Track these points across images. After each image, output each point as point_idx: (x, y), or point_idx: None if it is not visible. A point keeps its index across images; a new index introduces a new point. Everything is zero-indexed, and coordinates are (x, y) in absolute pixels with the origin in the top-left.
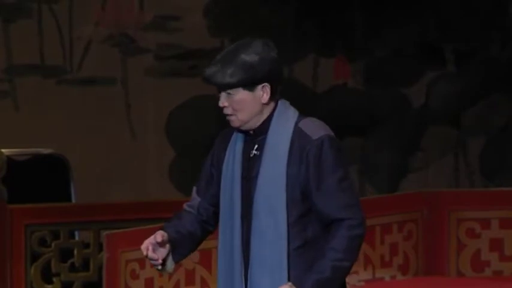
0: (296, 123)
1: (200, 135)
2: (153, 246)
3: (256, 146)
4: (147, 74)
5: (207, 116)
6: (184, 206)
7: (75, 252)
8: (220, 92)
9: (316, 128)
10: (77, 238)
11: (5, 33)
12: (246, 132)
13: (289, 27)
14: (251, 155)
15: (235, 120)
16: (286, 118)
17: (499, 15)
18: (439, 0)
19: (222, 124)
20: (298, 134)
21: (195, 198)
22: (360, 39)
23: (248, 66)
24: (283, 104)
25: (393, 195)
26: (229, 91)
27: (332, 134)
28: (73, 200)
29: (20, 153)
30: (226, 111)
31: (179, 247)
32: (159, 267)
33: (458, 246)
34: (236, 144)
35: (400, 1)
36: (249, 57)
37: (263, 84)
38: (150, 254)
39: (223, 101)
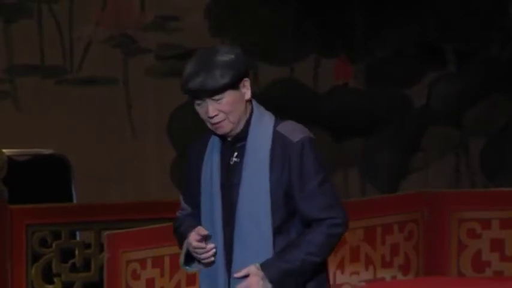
0: (274, 127)
1: (198, 137)
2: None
3: (236, 153)
4: (148, 74)
5: None
6: (179, 214)
7: (76, 252)
8: (200, 104)
9: (295, 131)
10: (78, 238)
11: (6, 34)
12: (223, 140)
13: (290, 27)
14: (231, 163)
15: (226, 125)
16: (264, 123)
17: (499, 15)
18: (439, 1)
19: None
20: (278, 138)
21: (186, 208)
22: (360, 39)
23: (231, 65)
24: (259, 109)
25: (394, 196)
26: (217, 97)
27: (311, 135)
28: (74, 200)
29: (21, 153)
30: (217, 119)
31: None
32: (205, 259)
33: (459, 246)
34: (213, 153)
35: (400, 1)
36: (225, 57)
37: (244, 80)
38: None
39: (213, 110)
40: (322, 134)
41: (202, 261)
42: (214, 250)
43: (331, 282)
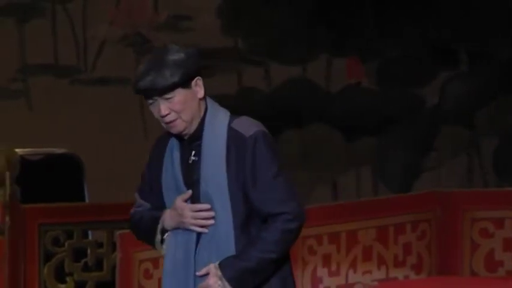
0: (229, 124)
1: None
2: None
3: (193, 152)
4: None
5: None
6: (134, 210)
7: (89, 251)
8: (153, 103)
9: (248, 126)
10: (90, 238)
11: (19, 33)
12: (181, 140)
13: (302, 27)
14: (190, 162)
15: (179, 124)
16: (219, 120)
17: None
18: (452, 1)
19: None
20: (232, 135)
21: (143, 204)
22: (373, 39)
23: (181, 64)
24: (213, 106)
25: (406, 195)
26: (168, 95)
27: (265, 129)
28: (86, 200)
29: (34, 152)
30: (169, 118)
31: None
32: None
33: (472, 245)
34: (173, 152)
35: (413, 1)
36: (176, 56)
37: (196, 79)
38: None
39: (165, 109)
40: (334, 134)
41: (202, 224)
42: (213, 213)
43: (344, 281)
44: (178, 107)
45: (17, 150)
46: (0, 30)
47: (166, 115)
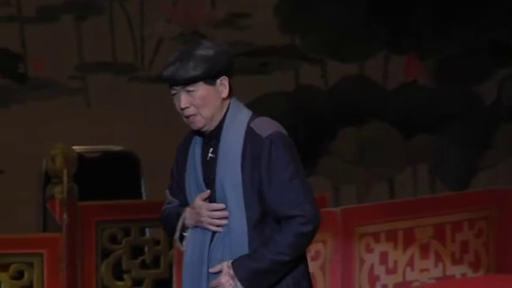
0: (248, 124)
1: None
2: None
3: (211, 149)
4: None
5: (278, 113)
6: (165, 207)
7: (146, 249)
8: (176, 94)
9: (266, 126)
10: (147, 235)
11: (77, 31)
12: (202, 135)
13: (360, 24)
14: (207, 158)
15: (199, 120)
16: (239, 120)
17: None
18: None
19: (291, 120)
20: (249, 135)
21: (173, 201)
22: (430, 36)
23: (207, 59)
24: (236, 105)
25: (463, 193)
26: (190, 88)
27: (283, 131)
28: (144, 197)
29: (91, 150)
30: (189, 112)
31: None
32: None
33: None
34: (195, 148)
35: None
36: (205, 51)
37: (222, 78)
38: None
39: (185, 101)
40: (391, 131)
41: (217, 223)
42: (227, 213)
43: (401, 279)
44: (198, 102)
45: (74, 147)
46: (58, 27)
47: (186, 108)
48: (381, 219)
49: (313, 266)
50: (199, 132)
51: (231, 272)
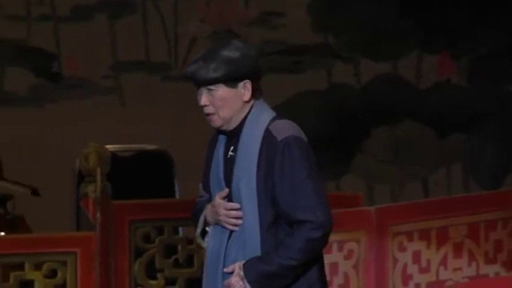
0: (267, 125)
1: (304, 131)
2: None
3: (232, 147)
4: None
5: (311, 111)
6: (197, 200)
7: (179, 248)
8: (199, 90)
9: (283, 129)
10: (180, 234)
11: (111, 30)
12: (224, 133)
13: (393, 23)
14: (228, 156)
15: (216, 119)
16: (260, 120)
17: None
18: None
19: (324, 119)
20: (267, 137)
21: (205, 194)
22: (464, 35)
23: (230, 62)
24: (259, 106)
25: (497, 192)
26: (211, 87)
27: (299, 135)
28: (177, 196)
29: (125, 149)
30: (207, 110)
31: None
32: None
33: None
34: (220, 145)
35: None
36: (231, 53)
37: (244, 81)
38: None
39: (205, 99)
40: (425, 130)
41: (232, 223)
42: (241, 213)
43: (434, 278)
44: (217, 103)
45: (108, 146)
46: (92, 27)
47: (205, 106)
48: (414, 218)
49: (346, 265)
50: (220, 130)
51: (242, 273)
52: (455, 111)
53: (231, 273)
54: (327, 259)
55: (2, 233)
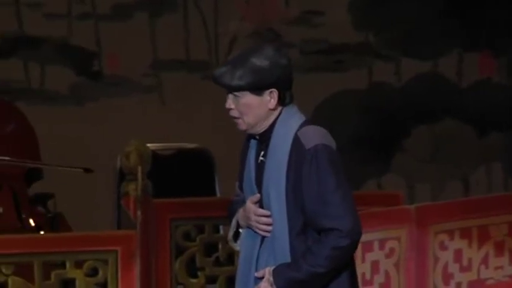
0: (297, 131)
1: (344, 131)
2: None
3: (262, 152)
4: (292, 69)
5: (352, 111)
6: (233, 198)
7: (220, 246)
8: (228, 94)
9: (312, 137)
10: (221, 232)
11: (151, 28)
12: (254, 138)
13: (434, 22)
14: (259, 161)
15: (241, 123)
16: (289, 126)
17: None
18: None
19: (365, 118)
20: (295, 144)
21: (240, 194)
22: (504, 34)
23: (257, 70)
24: (288, 111)
25: None
26: (236, 93)
27: (326, 142)
28: (218, 194)
29: (166, 147)
30: (233, 113)
31: None
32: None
33: None
34: (251, 150)
35: None
36: (259, 61)
37: (271, 90)
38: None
39: (230, 103)
40: (465, 129)
41: (263, 229)
42: (271, 220)
43: (476, 277)
44: (241, 108)
45: (149, 145)
46: (133, 25)
47: (230, 109)
48: (455, 216)
49: (387, 263)
50: (250, 134)
51: (271, 279)
52: (495, 110)
53: (262, 277)
54: (369, 257)
55: (42, 232)
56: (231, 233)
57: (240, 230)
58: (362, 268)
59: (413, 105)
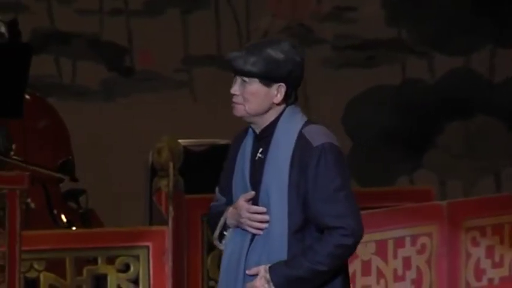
0: (301, 129)
1: (377, 126)
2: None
3: (261, 150)
4: (325, 64)
5: (384, 106)
6: (212, 204)
7: None
8: (234, 77)
9: (318, 135)
10: None
11: (183, 24)
12: (255, 135)
13: (467, 17)
14: (256, 158)
15: (240, 109)
16: (293, 123)
17: None
18: None
19: (398, 114)
20: (300, 141)
21: (221, 198)
22: None
23: (271, 61)
24: (292, 109)
25: None
26: (245, 79)
27: (334, 142)
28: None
29: (197, 143)
30: (236, 99)
31: None
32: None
33: None
34: (246, 147)
35: None
36: (275, 53)
37: (279, 84)
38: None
39: (236, 88)
40: (497, 125)
41: (256, 227)
42: (267, 217)
43: (507, 273)
44: (247, 95)
45: (180, 141)
46: (165, 21)
47: (234, 94)
48: (487, 213)
49: (418, 260)
50: (251, 132)
51: (268, 276)
52: None
53: (253, 276)
54: (401, 253)
55: (74, 228)
56: (217, 232)
57: (225, 233)
58: (394, 264)
59: (446, 101)
